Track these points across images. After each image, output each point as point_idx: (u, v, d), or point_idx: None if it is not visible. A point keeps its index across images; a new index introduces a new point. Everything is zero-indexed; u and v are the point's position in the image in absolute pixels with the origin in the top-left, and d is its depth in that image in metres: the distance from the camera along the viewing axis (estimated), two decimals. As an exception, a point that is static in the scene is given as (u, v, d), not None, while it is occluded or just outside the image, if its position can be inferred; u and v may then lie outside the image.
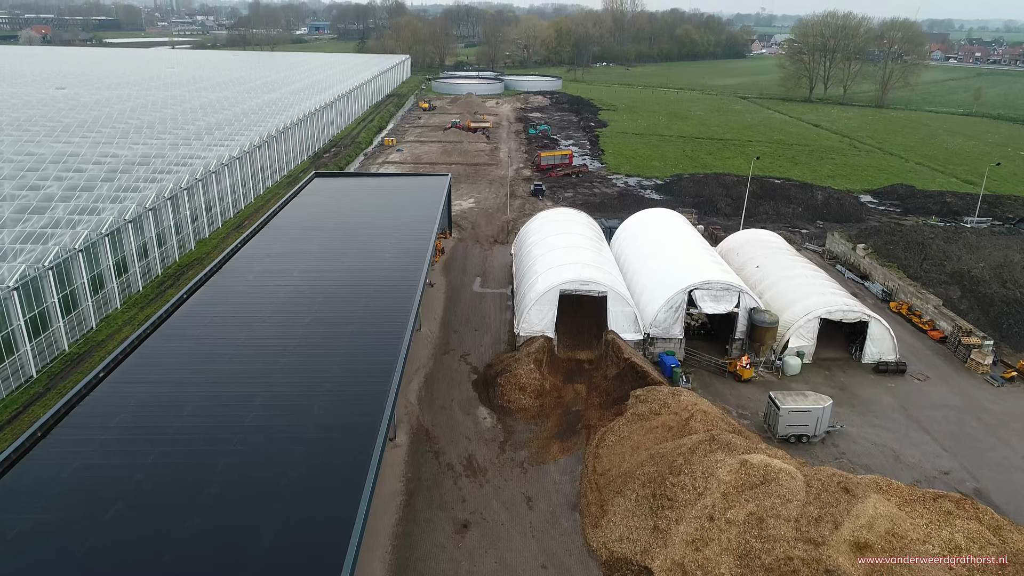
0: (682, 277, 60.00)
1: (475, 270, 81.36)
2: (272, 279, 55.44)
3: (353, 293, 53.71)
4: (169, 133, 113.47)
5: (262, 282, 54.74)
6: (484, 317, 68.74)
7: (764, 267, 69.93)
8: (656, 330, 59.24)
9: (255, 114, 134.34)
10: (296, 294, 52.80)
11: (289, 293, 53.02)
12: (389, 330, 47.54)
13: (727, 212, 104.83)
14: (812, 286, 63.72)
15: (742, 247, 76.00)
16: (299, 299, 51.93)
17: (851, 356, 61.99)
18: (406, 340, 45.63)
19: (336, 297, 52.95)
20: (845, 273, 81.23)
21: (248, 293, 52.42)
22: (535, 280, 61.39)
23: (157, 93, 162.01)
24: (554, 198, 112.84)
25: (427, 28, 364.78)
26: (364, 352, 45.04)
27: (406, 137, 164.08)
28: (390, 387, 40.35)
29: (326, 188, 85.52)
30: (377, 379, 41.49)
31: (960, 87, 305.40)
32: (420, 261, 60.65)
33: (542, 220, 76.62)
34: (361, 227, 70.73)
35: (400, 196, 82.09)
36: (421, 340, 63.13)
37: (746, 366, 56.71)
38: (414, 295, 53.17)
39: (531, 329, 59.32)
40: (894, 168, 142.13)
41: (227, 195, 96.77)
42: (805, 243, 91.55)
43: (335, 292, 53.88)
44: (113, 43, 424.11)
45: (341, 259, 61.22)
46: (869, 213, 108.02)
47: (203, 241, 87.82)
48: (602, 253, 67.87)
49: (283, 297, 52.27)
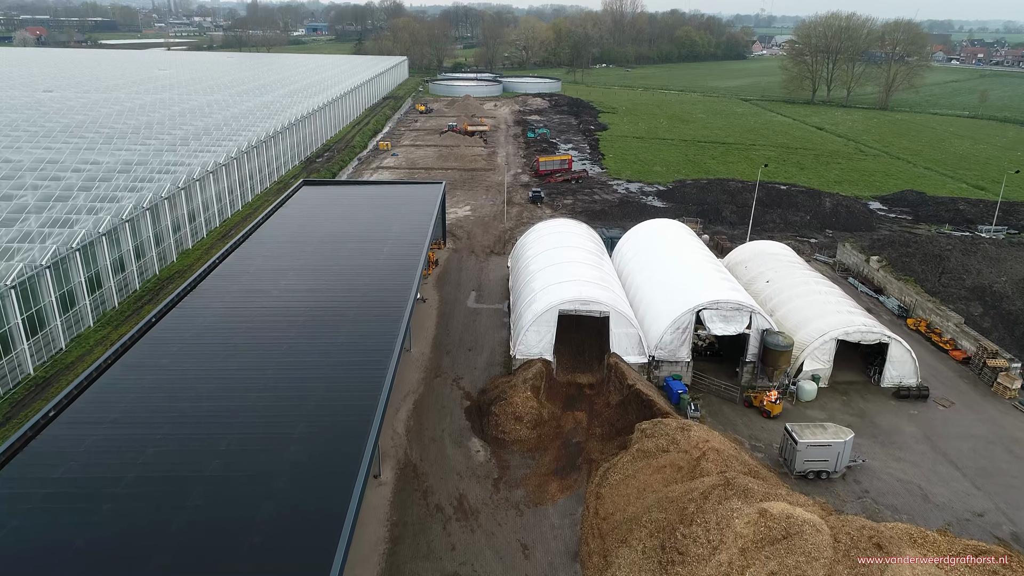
0: (689, 296, 56.19)
1: (470, 283, 77.55)
2: (249, 300, 51.59)
3: (337, 314, 49.90)
4: (155, 138, 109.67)
5: (238, 303, 50.90)
6: (479, 336, 64.91)
7: (775, 282, 66.12)
8: (662, 352, 55.43)
9: (245, 118, 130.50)
10: (275, 317, 48.96)
11: (267, 316, 49.19)
12: (374, 357, 43.77)
13: (732, 220, 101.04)
14: (827, 304, 59.90)
15: (750, 260, 72.18)
16: (277, 323, 48.10)
17: (869, 379, 58.18)
18: (391, 370, 41.84)
19: (318, 319, 49.14)
20: (858, 287, 77.42)
21: (222, 317, 48.55)
22: (532, 299, 57.57)
23: (146, 96, 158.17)
24: (553, 205, 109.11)
25: (425, 29, 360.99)
26: (346, 382, 41.28)
27: (402, 141, 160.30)
28: (372, 423, 36.63)
29: (314, 197, 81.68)
30: (359, 413, 37.80)
31: (964, 89, 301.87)
32: (410, 278, 56.81)
33: (540, 232, 72.81)
34: (349, 240, 66.91)
35: (391, 206, 78.26)
36: (411, 362, 59.33)
37: (775, 401, 51.95)
38: (402, 316, 49.41)
39: (528, 352, 55.50)
40: (902, 173, 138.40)
41: (212, 204, 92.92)
42: (815, 254, 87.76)
43: (318, 313, 50.08)
44: (108, 45, 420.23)
45: (326, 276, 57.38)
46: (879, 221, 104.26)
47: (186, 253, 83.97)
48: (603, 268, 64.06)
49: (260, 321, 48.44)
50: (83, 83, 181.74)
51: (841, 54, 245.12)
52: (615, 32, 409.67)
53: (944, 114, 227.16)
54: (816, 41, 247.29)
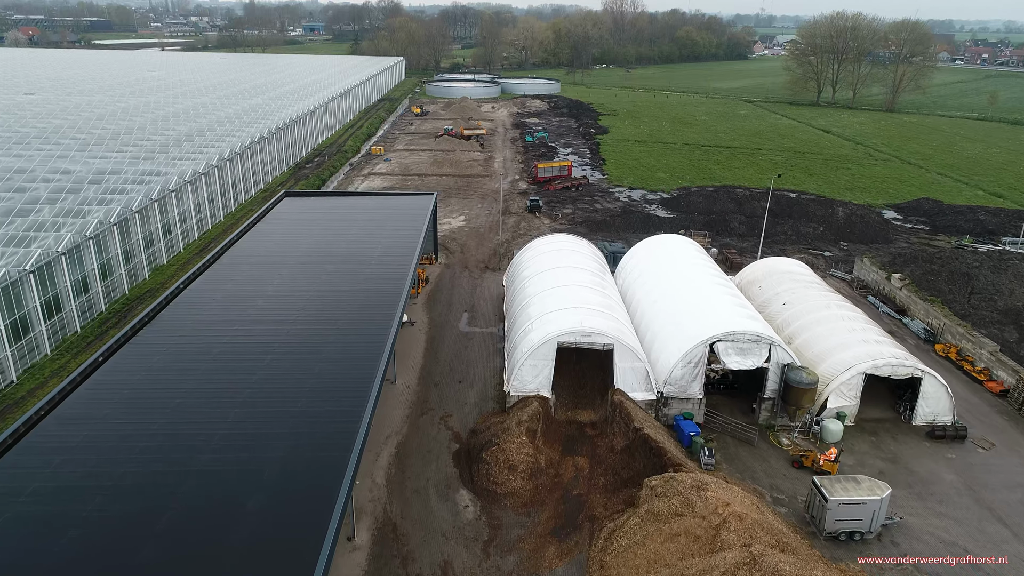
0: (702, 326, 50.89)
1: (462, 303, 72.25)
2: (211, 335, 46.25)
3: (310, 350, 44.62)
4: (134, 145, 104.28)
5: (198, 338, 45.56)
6: (470, 364, 59.62)
7: (792, 305, 60.84)
8: (671, 388, 50.15)
9: (231, 122, 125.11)
10: (238, 355, 43.62)
11: (229, 354, 43.87)
12: (347, 405, 38.53)
13: (741, 232, 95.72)
14: (852, 332, 54.62)
15: (764, 279, 66.89)
16: (240, 363, 42.76)
17: (900, 416, 52.91)
18: (365, 421, 36.63)
19: (289, 356, 43.87)
20: (879, 307, 72.14)
21: (177, 356, 43.18)
22: (528, 327, 52.26)
23: (131, 99, 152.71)
24: (552, 215, 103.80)
25: (423, 29, 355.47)
26: (316, 436, 36.09)
27: (395, 145, 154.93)
28: (341, 486, 31.53)
29: (295, 211, 76.37)
30: (328, 471, 32.70)
31: (971, 90, 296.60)
32: (393, 306, 51.54)
33: (537, 248, 67.47)
34: (330, 259, 61.58)
35: (378, 220, 72.96)
36: (395, 397, 54.04)
37: (835, 459, 45.62)
38: (381, 353, 44.19)
39: (523, 388, 50.21)
40: (915, 179, 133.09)
41: (190, 215, 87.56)
42: (830, 269, 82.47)
43: (288, 349, 44.80)
44: (102, 45, 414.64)
45: (302, 303, 52.06)
46: (895, 232, 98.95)
47: (160, 269, 78.63)
48: (606, 291, 58.72)
49: (223, 357, 43.13)
50: (68, 85, 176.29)
51: (847, 54, 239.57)
52: (615, 32, 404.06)
53: (953, 116, 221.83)
54: (821, 41, 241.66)
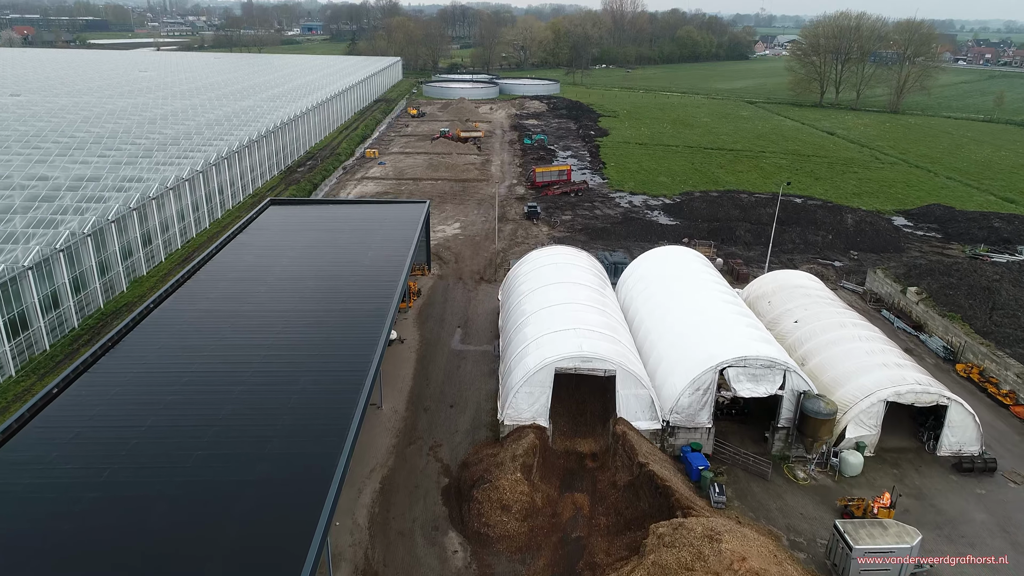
0: (711, 350, 47.27)
1: (456, 318, 68.62)
2: (176, 364, 42.52)
3: (285, 380, 40.95)
4: (117, 149, 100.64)
5: (160, 368, 41.84)
6: (463, 387, 56.00)
7: (804, 323, 57.23)
8: (678, 417, 46.53)
9: (220, 125, 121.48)
10: (210, 383, 39.99)
11: (201, 381, 40.25)
12: (329, 436, 35.13)
13: (747, 240, 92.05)
14: (871, 354, 50.98)
15: (774, 295, 63.25)
16: (212, 390, 39.16)
17: (922, 445, 49.33)
18: (344, 457, 33.16)
19: (264, 384, 40.29)
20: (894, 322, 68.54)
21: (136, 390, 39.43)
22: (524, 351, 48.63)
23: (119, 101, 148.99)
24: (550, 221, 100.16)
25: (420, 29, 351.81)
26: (290, 474, 32.65)
27: (390, 148, 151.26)
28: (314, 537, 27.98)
29: (280, 220, 72.72)
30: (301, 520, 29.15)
31: (975, 90, 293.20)
32: (380, 321, 48.07)
33: (535, 262, 63.81)
34: (313, 273, 57.96)
35: (366, 230, 69.33)
36: (381, 423, 50.42)
37: (891, 505, 41.15)
38: (365, 376, 40.78)
39: (518, 416, 46.58)
40: (924, 183, 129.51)
41: (173, 223, 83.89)
42: (841, 281, 78.85)
43: (265, 374, 41.23)
44: (97, 44, 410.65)
45: (281, 322, 48.44)
46: (907, 240, 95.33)
47: (139, 281, 74.95)
48: (607, 309, 55.08)
49: (189, 390, 39.45)
50: (56, 86, 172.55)
51: (850, 55, 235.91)
52: (615, 32, 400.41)
53: (958, 118, 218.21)
54: (825, 41, 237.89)
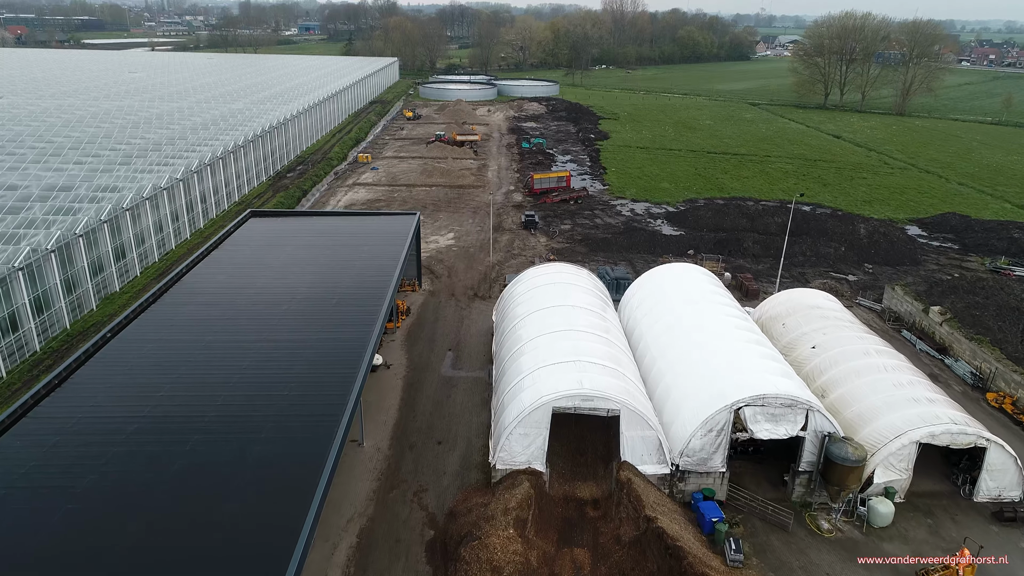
0: (725, 386, 42.77)
1: (447, 339, 64.09)
2: (132, 402, 38.00)
3: (250, 425, 36.55)
4: (95, 155, 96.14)
5: (113, 410, 37.31)
6: (453, 419, 51.51)
7: (823, 349, 52.80)
8: (689, 461, 42.04)
9: (207, 129, 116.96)
10: (161, 433, 35.49)
11: (151, 429, 35.75)
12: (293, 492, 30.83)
13: (755, 252, 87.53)
14: (899, 387, 46.52)
15: (788, 316, 58.77)
16: (163, 441, 34.69)
17: (957, 488, 44.89)
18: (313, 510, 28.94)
19: (222, 432, 35.83)
20: (916, 344, 64.08)
21: (80, 437, 34.96)
22: (519, 385, 44.13)
23: (105, 103, 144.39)
24: (548, 231, 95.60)
25: (418, 29, 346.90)
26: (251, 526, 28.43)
27: (384, 152, 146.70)
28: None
29: (260, 234, 68.18)
30: None
31: (981, 92, 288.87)
32: (362, 348, 43.86)
33: (531, 281, 59.27)
34: (291, 296, 53.38)
35: (352, 245, 64.82)
36: (362, 464, 45.91)
37: (971, 562, 36.83)
38: (343, 410, 36.62)
39: (512, 460, 42.09)
40: (936, 190, 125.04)
41: (149, 235, 79.31)
42: (857, 298, 74.37)
43: (225, 419, 36.80)
44: (91, 44, 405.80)
45: (250, 355, 43.90)
46: (923, 252, 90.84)
47: (111, 297, 70.37)
48: (609, 335, 50.57)
49: (136, 440, 34.90)
50: (41, 87, 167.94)
51: (856, 55, 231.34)
52: (615, 32, 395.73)
53: (966, 120, 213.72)
54: (829, 42, 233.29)
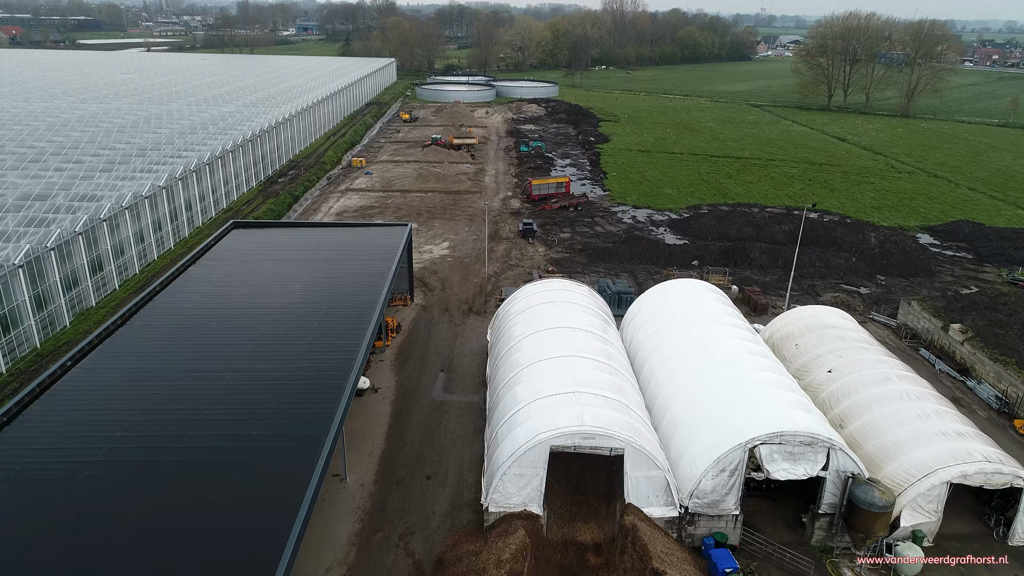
0: (739, 421, 39.24)
1: (439, 359, 60.57)
2: (88, 443, 34.44)
3: (217, 467, 33.09)
4: (76, 161, 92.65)
5: (65, 454, 33.75)
6: (444, 450, 47.99)
7: (840, 373, 49.33)
8: (699, 503, 38.54)
9: (195, 133, 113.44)
10: (117, 479, 31.98)
11: (109, 473, 32.26)
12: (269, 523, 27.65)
13: (763, 263, 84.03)
14: (924, 418, 43.02)
15: (801, 336, 55.27)
16: (120, 487, 31.18)
17: (990, 531, 41.40)
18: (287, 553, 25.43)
19: (198, 456, 32.58)
20: (936, 364, 60.60)
21: (29, 483, 31.44)
22: (514, 419, 40.61)
23: (92, 106, 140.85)
24: (547, 240, 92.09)
25: (416, 29, 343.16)
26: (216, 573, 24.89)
27: (379, 156, 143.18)
28: None
29: (242, 246, 64.60)
30: None
31: (985, 93, 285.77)
32: (345, 373, 40.50)
33: (528, 299, 55.72)
34: (273, 315, 49.86)
35: (338, 259, 61.32)
36: (343, 502, 42.39)
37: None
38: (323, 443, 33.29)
39: (506, 502, 38.57)
40: (946, 195, 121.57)
41: (130, 246, 75.77)
42: (871, 312, 70.87)
43: (190, 462, 33.27)
44: (86, 45, 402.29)
45: (221, 385, 40.38)
46: (936, 262, 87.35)
47: (86, 313, 66.78)
48: (612, 360, 47.02)
49: (89, 489, 31.39)
50: (29, 90, 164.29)
51: (860, 56, 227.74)
52: (615, 32, 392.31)
53: (972, 122, 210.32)
54: (833, 43, 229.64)
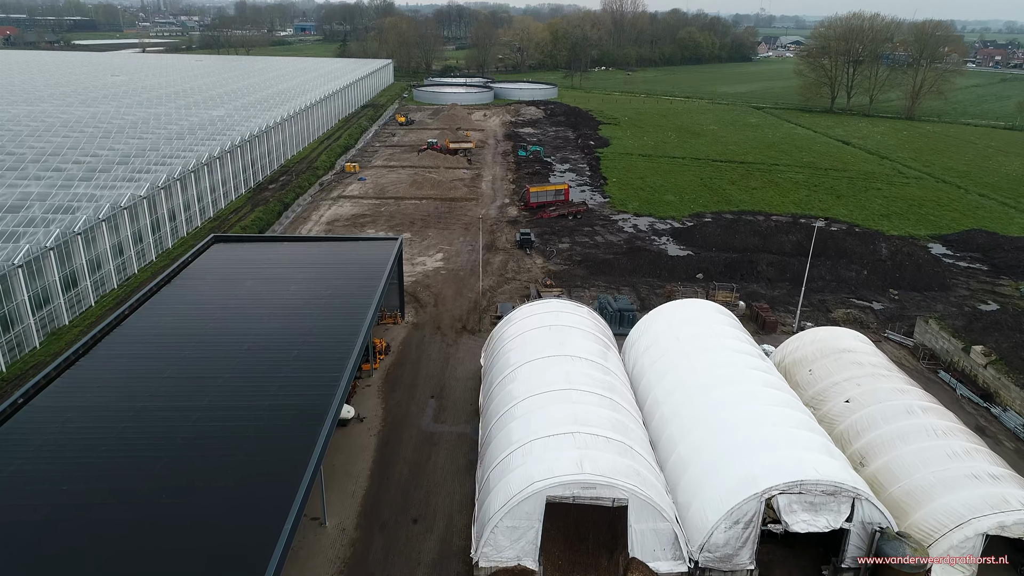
0: (753, 467, 35.76)
1: (430, 383, 57.06)
2: (34, 499, 30.96)
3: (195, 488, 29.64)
4: (56, 169, 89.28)
5: (27, 484, 30.30)
6: (432, 488, 44.46)
7: (858, 404, 45.89)
8: (710, 557, 35.08)
9: (182, 139, 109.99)
10: (68, 528, 28.49)
11: (60, 528, 28.73)
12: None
13: (770, 276, 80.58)
14: (954, 458, 39.51)
15: (815, 361, 51.80)
16: (73, 533, 27.67)
17: (1026, 584, 37.98)
18: None
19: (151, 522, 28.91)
20: (957, 388, 57.16)
21: None
22: (508, 462, 37.14)
23: (80, 109, 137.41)
24: (545, 251, 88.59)
25: (413, 30, 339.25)
26: None
27: (373, 161, 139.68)
28: None
29: (222, 262, 61.04)
30: None
31: (989, 95, 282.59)
32: (325, 404, 36.97)
33: (524, 322, 52.20)
34: (250, 341, 46.27)
35: (322, 278, 57.77)
36: (321, 551, 38.86)
37: None
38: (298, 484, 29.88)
39: (498, 556, 35.11)
40: (955, 202, 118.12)
41: (107, 260, 72.21)
42: (885, 331, 67.37)
43: (144, 510, 29.75)
44: (81, 46, 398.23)
45: (188, 422, 36.87)
46: (951, 274, 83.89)
47: (58, 333, 63.24)
48: (614, 394, 43.49)
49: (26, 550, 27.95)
50: (17, 93, 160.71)
51: (863, 57, 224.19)
52: (615, 33, 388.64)
53: (978, 125, 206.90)
54: (836, 43, 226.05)
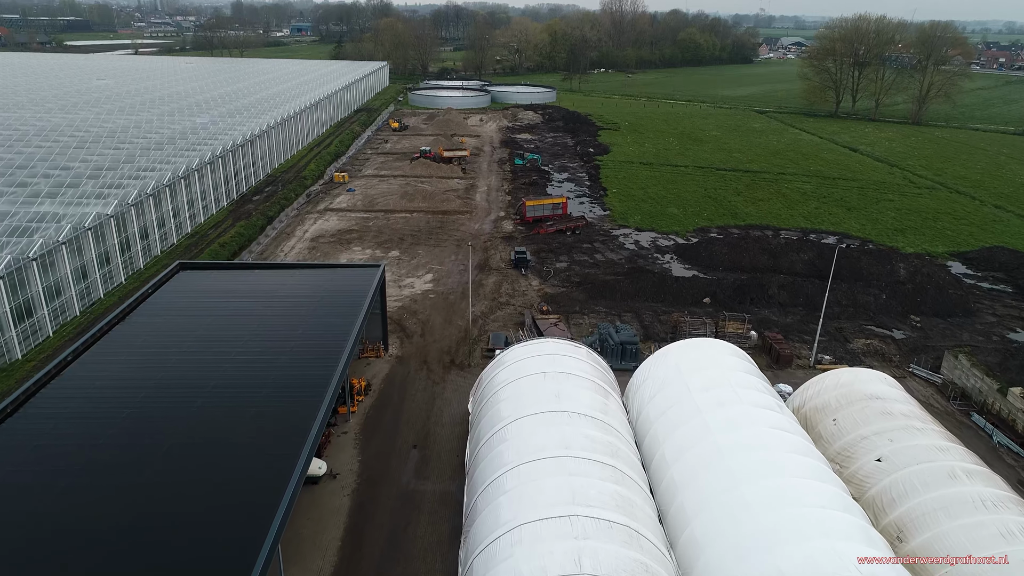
0: (782, 566, 30.41)
1: (413, 429, 51.78)
2: None
3: None
4: (21, 184, 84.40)
5: None
6: (410, 564, 39.15)
7: (891, 463, 40.63)
8: (730, 668, 29.81)
9: (162, 149, 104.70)
10: None
11: None
12: None
13: (782, 300, 75.33)
14: (1010, 539, 34.05)
15: (840, 410, 46.42)
16: None
17: None
18: None
19: None
20: (994, 436, 51.95)
21: None
22: (492, 553, 31.84)
23: (58, 116, 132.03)
24: (542, 271, 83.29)
25: (410, 31, 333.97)
26: None
27: (364, 169, 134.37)
28: None
29: (186, 293, 55.63)
30: None
31: (996, 98, 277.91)
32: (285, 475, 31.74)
33: (517, 368, 46.75)
34: (212, 384, 41.02)
35: (296, 311, 52.48)
36: (279, 649, 33.58)
37: None
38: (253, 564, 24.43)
39: (481, 667, 29.83)
40: (971, 215, 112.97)
41: (68, 286, 66.85)
42: (910, 365, 62.11)
43: None
44: (73, 47, 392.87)
45: (139, 483, 31.69)
46: (975, 297, 78.69)
47: (11, 368, 57.94)
48: (617, 459, 38.14)
49: None
50: None
51: (867, 60, 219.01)
52: (614, 34, 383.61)
53: (987, 130, 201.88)
54: (842, 46, 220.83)
